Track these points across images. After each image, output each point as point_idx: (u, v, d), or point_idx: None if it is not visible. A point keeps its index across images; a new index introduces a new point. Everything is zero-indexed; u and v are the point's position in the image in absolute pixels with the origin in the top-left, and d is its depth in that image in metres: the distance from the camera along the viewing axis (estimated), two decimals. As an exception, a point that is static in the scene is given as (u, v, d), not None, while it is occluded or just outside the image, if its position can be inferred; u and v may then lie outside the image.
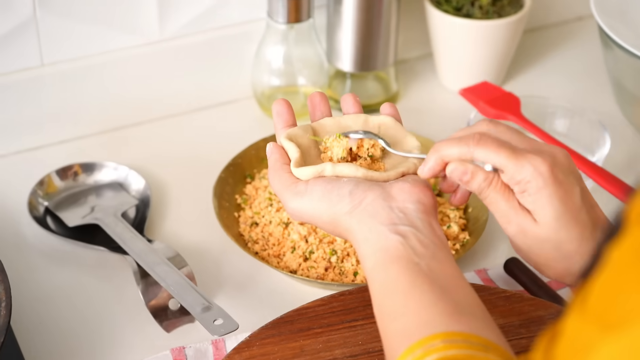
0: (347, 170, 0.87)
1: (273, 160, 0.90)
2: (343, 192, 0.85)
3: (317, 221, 0.87)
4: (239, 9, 1.28)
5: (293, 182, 0.88)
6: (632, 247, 0.53)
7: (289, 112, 0.93)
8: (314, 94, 0.95)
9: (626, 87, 1.25)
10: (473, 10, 1.31)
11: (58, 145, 1.24)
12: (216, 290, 1.07)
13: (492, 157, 0.82)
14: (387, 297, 0.79)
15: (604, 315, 0.54)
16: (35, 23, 1.18)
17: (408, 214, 0.83)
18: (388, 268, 0.80)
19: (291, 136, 0.91)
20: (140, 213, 1.15)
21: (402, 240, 0.80)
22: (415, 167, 0.88)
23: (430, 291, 0.77)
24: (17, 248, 1.11)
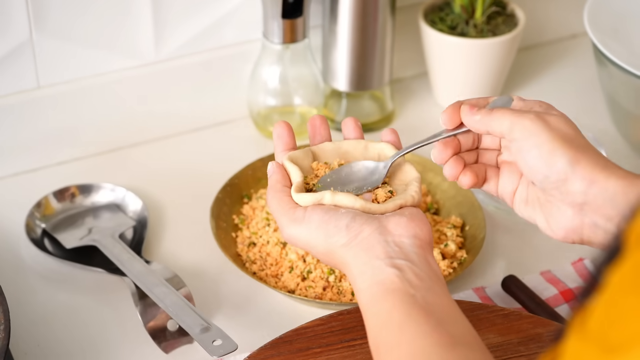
0: (346, 200, 0.86)
1: (274, 181, 0.90)
2: (340, 224, 0.85)
3: (312, 250, 0.87)
4: (235, 30, 1.28)
5: (292, 207, 0.87)
6: (632, 270, 0.53)
7: (290, 134, 0.93)
8: (314, 117, 0.95)
9: (620, 104, 1.25)
10: (467, 29, 1.31)
11: (55, 167, 1.25)
12: (215, 311, 1.07)
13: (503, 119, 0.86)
14: (382, 328, 0.79)
15: (604, 338, 0.54)
16: (32, 45, 1.18)
17: (404, 248, 0.83)
18: (383, 300, 0.79)
19: (293, 159, 0.91)
20: (138, 234, 1.15)
21: (398, 274, 0.80)
22: (412, 199, 0.88)
23: (426, 323, 0.77)
24: (15, 270, 1.11)
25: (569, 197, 0.83)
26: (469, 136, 0.90)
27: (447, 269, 1.09)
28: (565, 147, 0.82)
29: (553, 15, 1.48)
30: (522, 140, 0.84)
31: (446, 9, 1.34)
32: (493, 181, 0.90)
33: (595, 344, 0.54)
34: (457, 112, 0.88)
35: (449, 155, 0.89)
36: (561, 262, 1.12)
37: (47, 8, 1.16)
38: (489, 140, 0.91)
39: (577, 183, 0.82)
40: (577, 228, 0.84)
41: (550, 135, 0.83)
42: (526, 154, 0.84)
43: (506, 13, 1.34)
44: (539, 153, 0.83)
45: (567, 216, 0.84)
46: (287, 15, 1.22)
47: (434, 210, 1.18)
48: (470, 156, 0.91)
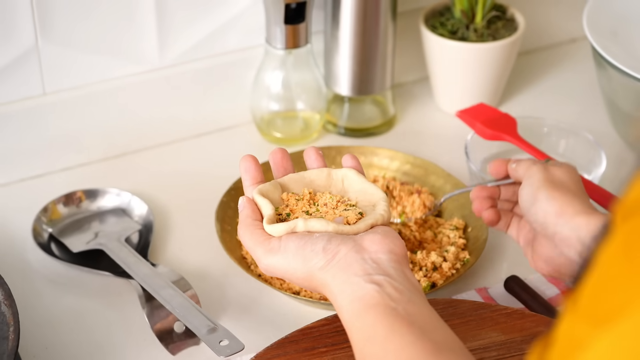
0: (319, 225, 0.87)
1: (244, 216, 0.90)
2: (317, 248, 0.85)
3: (291, 277, 0.87)
4: (238, 36, 1.30)
5: (266, 239, 0.88)
6: (618, 245, 0.55)
7: (257, 168, 0.94)
8: (275, 152, 0.96)
9: (620, 106, 1.26)
10: (468, 34, 1.33)
11: (61, 172, 1.26)
12: (220, 313, 1.08)
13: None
14: (367, 342, 0.80)
15: (594, 313, 0.55)
16: (37, 52, 1.19)
17: (381, 264, 0.84)
18: (365, 315, 0.80)
19: (263, 192, 0.92)
20: (144, 238, 1.16)
21: (378, 289, 0.81)
22: (382, 218, 0.89)
23: (409, 332, 0.78)
24: (23, 274, 1.12)
25: (543, 229, 0.97)
26: (509, 188, 1.08)
27: (449, 270, 1.10)
28: (549, 187, 0.97)
29: (553, 19, 1.49)
30: (525, 181, 1.00)
31: (447, 14, 1.35)
32: (514, 227, 1.06)
33: (585, 319, 0.55)
34: (503, 165, 1.06)
35: (483, 196, 1.07)
36: (563, 262, 1.13)
37: (52, 15, 1.18)
38: None
39: (550, 216, 0.96)
40: (552, 259, 0.98)
41: (542, 177, 0.98)
42: (521, 191, 0.99)
43: (506, 17, 1.36)
44: (529, 190, 0.98)
45: (545, 248, 0.98)
46: (290, 21, 1.23)
47: (437, 212, 1.19)
48: (506, 205, 1.08)
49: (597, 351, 0.54)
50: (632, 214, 0.55)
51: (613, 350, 0.54)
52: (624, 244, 0.55)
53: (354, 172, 0.94)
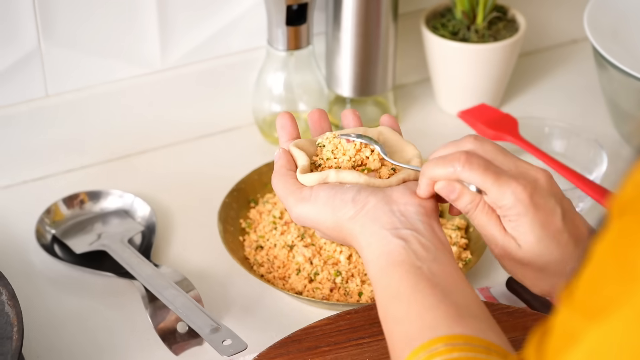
0: (350, 177, 0.89)
1: (279, 166, 0.92)
2: (346, 197, 0.86)
3: (320, 226, 0.88)
4: (240, 38, 1.30)
5: (298, 188, 0.89)
6: (611, 238, 0.56)
7: (293, 125, 0.95)
8: (313, 111, 0.97)
9: (621, 106, 1.27)
10: (469, 35, 1.33)
11: (64, 174, 1.26)
12: (223, 313, 1.08)
13: (477, 180, 0.83)
14: (390, 301, 0.80)
15: (587, 305, 0.56)
16: (40, 55, 1.20)
17: (409, 216, 0.84)
18: (391, 273, 0.81)
19: (299, 146, 0.93)
20: (147, 239, 1.16)
21: (404, 245, 0.82)
22: (415, 174, 0.90)
23: (432, 295, 0.78)
24: (26, 275, 1.13)
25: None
26: None
27: (452, 270, 1.10)
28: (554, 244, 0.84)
29: (554, 20, 1.50)
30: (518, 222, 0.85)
31: (448, 15, 1.36)
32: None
33: (579, 311, 0.56)
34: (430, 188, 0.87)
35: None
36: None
37: (55, 17, 1.18)
38: None
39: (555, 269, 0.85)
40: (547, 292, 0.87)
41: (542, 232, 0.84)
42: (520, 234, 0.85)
43: (507, 18, 1.36)
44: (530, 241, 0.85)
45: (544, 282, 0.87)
46: (291, 23, 1.24)
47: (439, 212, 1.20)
48: None
49: (590, 343, 0.55)
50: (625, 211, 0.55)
51: (604, 343, 0.55)
52: (617, 240, 0.56)
53: (389, 130, 0.95)
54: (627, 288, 0.54)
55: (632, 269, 0.54)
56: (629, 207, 0.55)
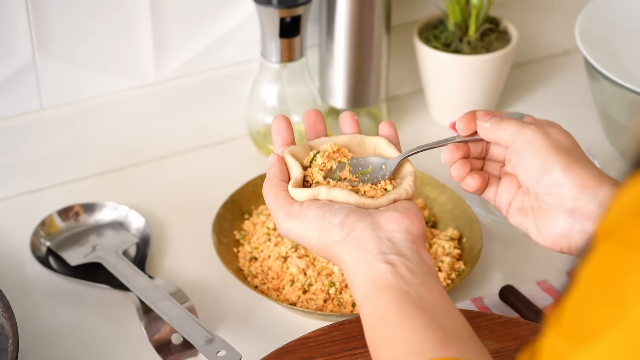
0: (341, 195, 0.88)
1: (272, 174, 0.91)
2: (334, 221, 0.86)
3: (307, 245, 0.88)
4: (233, 50, 1.31)
5: (288, 202, 0.89)
6: (597, 263, 0.56)
7: (288, 129, 0.94)
8: (309, 113, 0.96)
9: (613, 117, 1.28)
10: (461, 46, 1.34)
11: (59, 186, 1.27)
12: (218, 324, 1.09)
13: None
14: (377, 325, 0.80)
15: (575, 330, 0.56)
16: (35, 68, 1.20)
17: (396, 243, 0.84)
18: (378, 297, 0.81)
19: (293, 154, 0.92)
20: (141, 251, 1.17)
21: (392, 269, 0.82)
22: (406, 192, 0.90)
23: (420, 318, 0.78)
24: (21, 288, 1.13)
25: (560, 203, 0.87)
26: (478, 145, 0.94)
27: (444, 280, 1.11)
28: (560, 155, 0.86)
29: (545, 32, 1.50)
30: (522, 148, 0.88)
31: (440, 27, 1.37)
32: (492, 189, 0.93)
33: (567, 336, 0.56)
34: (472, 120, 0.92)
35: (458, 157, 0.93)
36: (557, 272, 1.14)
37: (49, 31, 1.19)
38: (496, 152, 0.94)
39: (569, 188, 0.86)
40: (567, 235, 0.87)
41: (547, 143, 0.87)
42: (524, 159, 0.88)
43: (499, 30, 1.37)
44: (535, 159, 0.87)
45: (558, 223, 0.88)
46: (285, 35, 1.25)
47: (432, 223, 1.20)
48: (476, 164, 0.94)
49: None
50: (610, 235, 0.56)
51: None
52: (603, 264, 0.56)
53: (386, 142, 0.94)
54: (614, 313, 0.54)
55: (618, 293, 0.54)
56: (614, 231, 0.56)
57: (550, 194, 0.87)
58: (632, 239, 0.54)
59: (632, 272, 0.54)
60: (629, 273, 0.54)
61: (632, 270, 0.54)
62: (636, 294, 0.53)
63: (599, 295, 0.55)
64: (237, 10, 1.28)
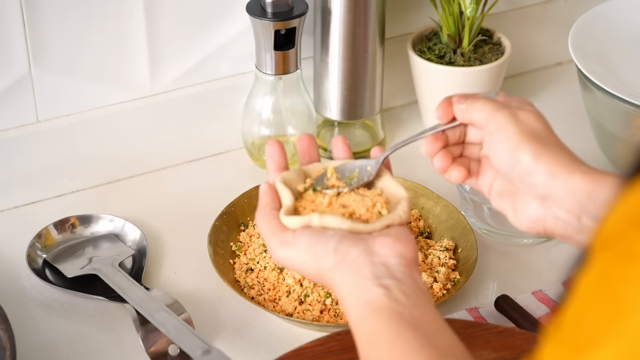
0: (334, 222, 0.88)
1: (264, 203, 0.91)
2: (328, 247, 0.86)
3: (301, 271, 0.89)
4: (228, 63, 1.31)
5: (281, 230, 0.89)
6: (595, 274, 0.56)
7: (282, 155, 0.95)
8: (303, 137, 0.97)
9: (606, 128, 1.28)
10: (455, 58, 1.34)
11: (55, 199, 1.27)
12: (214, 336, 1.09)
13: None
14: (372, 347, 0.81)
15: (575, 340, 0.56)
16: (31, 80, 1.21)
17: (390, 267, 0.85)
18: (372, 319, 0.81)
19: (286, 180, 0.93)
20: (137, 263, 1.17)
21: (386, 292, 0.82)
22: (400, 218, 0.90)
23: (414, 339, 0.79)
24: (17, 300, 1.13)
25: (533, 189, 0.88)
26: (456, 130, 0.95)
27: (440, 291, 1.11)
28: (530, 142, 0.88)
29: (538, 43, 1.51)
30: (494, 133, 0.89)
31: (434, 39, 1.37)
32: (474, 175, 0.95)
33: (566, 346, 0.57)
34: (449, 106, 0.93)
35: (439, 148, 0.94)
36: (552, 281, 1.15)
37: (45, 44, 1.19)
38: (473, 134, 0.95)
39: (540, 176, 0.87)
40: (541, 219, 0.89)
41: (518, 129, 0.88)
42: (495, 146, 0.89)
43: (492, 42, 1.38)
44: (506, 146, 0.88)
45: (532, 208, 0.89)
46: (279, 47, 1.25)
47: (427, 234, 1.21)
48: (456, 150, 0.95)
49: None
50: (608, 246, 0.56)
51: None
52: (601, 275, 0.56)
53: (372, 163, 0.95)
54: (613, 324, 0.54)
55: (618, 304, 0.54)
56: (612, 241, 0.56)
57: (522, 181, 0.89)
58: (631, 249, 0.54)
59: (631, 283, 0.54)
60: (628, 283, 0.54)
61: (632, 281, 0.54)
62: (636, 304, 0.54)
63: (598, 306, 0.55)
64: (232, 23, 1.29)
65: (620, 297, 0.54)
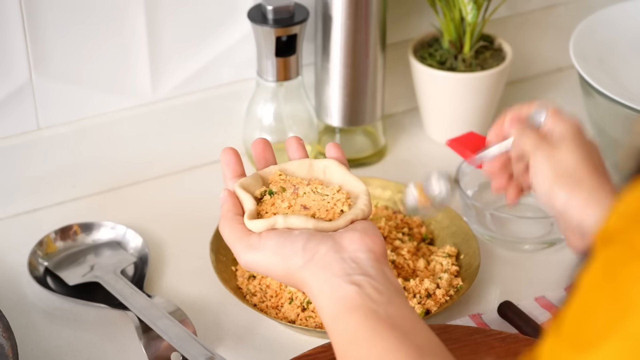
0: (298, 222, 0.87)
1: (225, 210, 0.90)
2: (296, 247, 0.85)
3: (271, 274, 0.87)
4: (229, 69, 1.31)
5: (246, 235, 0.88)
6: (597, 272, 0.57)
7: (237, 161, 0.94)
8: (257, 142, 0.96)
9: (607, 133, 1.28)
10: (456, 64, 1.34)
11: (56, 206, 1.27)
12: (217, 343, 1.09)
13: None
14: (350, 346, 0.80)
15: (576, 336, 0.57)
16: (32, 88, 1.20)
17: (360, 263, 0.84)
18: (347, 318, 0.81)
19: (244, 186, 0.91)
20: (139, 270, 1.17)
21: (358, 290, 0.81)
22: (362, 212, 0.89)
23: (392, 336, 0.78)
24: (19, 308, 1.13)
25: (568, 221, 0.95)
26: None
27: (443, 297, 1.11)
28: (564, 185, 0.94)
29: (540, 49, 1.51)
30: (533, 171, 0.97)
31: (435, 45, 1.37)
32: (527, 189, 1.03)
33: (567, 343, 0.57)
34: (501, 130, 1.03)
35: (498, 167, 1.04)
36: (555, 287, 1.14)
37: (46, 51, 1.19)
38: None
39: (574, 212, 0.94)
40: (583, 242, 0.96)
41: (552, 174, 0.95)
42: (535, 182, 0.96)
43: (494, 47, 1.38)
44: (543, 187, 0.96)
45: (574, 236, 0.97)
46: (281, 54, 1.25)
47: (429, 240, 1.21)
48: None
49: None
50: (610, 242, 0.56)
51: None
52: (603, 271, 0.56)
53: (336, 164, 0.94)
54: (615, 320, 0.54)
55: (619, 300, 0.55)
56: (615, 237, 0.56)
57: (559, 213, 0.95)
58: (633, 245, 0.55)
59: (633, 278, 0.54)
60: (630, 279, 0.54)
61: (634, 277, 0.54)
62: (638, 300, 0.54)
63: (600, 301, 0.56)
64: (233, 30, 1.29)
65: (623, 293, 0.55)
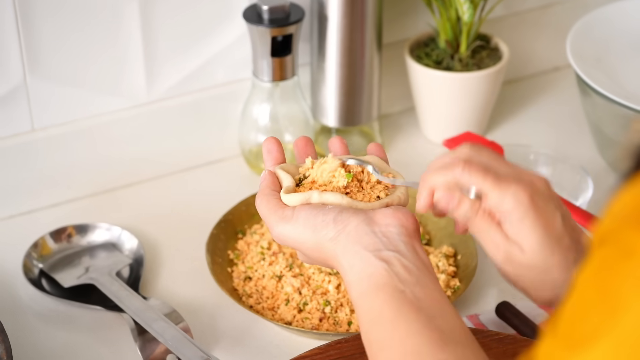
0: (333, 198, 0.88)
1: (264, 186, 0.91)
2: (327, 218, 0.86)
3: (301, 246, 0.88)
4: (225, 70, 1.31)
5: (280, 207, 0.89)
6: (592, 269, 0.57)
7: (279, 150, 0.95)
8: (299, 139, 0.97)
9: (605, 132, 1.28)
10: (453, 63, 1.34)
11: (51, 208, 1.26)
12: (213, 345, 1.08)
13: (478, 182, 0.82)
14: (373, 326, 0.79)
15: (570, 336, 0.57)
16: (26, 89, 1.20)
17: (391, 237, 0.83)
18: (373, 296, 0.80)
19: (284, 168, 0.93)
20: (135, 272, 1.16)
21: (387, 267, 0.81)
22: (399, 199, 0.89)
23: (416, 319, 0.78)
24: (13, 310, 1.12)
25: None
26: None
27: (440, 297, 1.10)
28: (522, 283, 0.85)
29: (536, 48, 1.51)
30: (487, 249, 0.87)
31: (431, 45, 1.37)
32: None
33: (563, 342, 0.57)
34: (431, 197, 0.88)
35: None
36: (553, 287, 1.14)
37: (40, 52, 1.19)
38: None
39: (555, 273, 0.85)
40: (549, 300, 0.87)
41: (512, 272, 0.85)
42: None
43: (490, 47, 1.37)
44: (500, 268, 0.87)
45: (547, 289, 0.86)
46: (276, 54, 1.24)
47: (426, 241, 1.20)
48: None
49: None
50: (605, 241, 0.56)
51: None
52: (598, 270, 0.56)
53: (377, 159, 0.95)
54: (608, 319, 0.55)
55: (613, 300, 0.55)
56: (609, 237, 0.56)
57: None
58: (625, 244, 0.55)
59: (626, 278, 0.54)
60: (623, 278, 0.55)
61: (626, 276, 0.54)
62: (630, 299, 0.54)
63: (594, 301, 0.56)
64: (228, 30, 1.28)
65: (616, 292, 0.55)
